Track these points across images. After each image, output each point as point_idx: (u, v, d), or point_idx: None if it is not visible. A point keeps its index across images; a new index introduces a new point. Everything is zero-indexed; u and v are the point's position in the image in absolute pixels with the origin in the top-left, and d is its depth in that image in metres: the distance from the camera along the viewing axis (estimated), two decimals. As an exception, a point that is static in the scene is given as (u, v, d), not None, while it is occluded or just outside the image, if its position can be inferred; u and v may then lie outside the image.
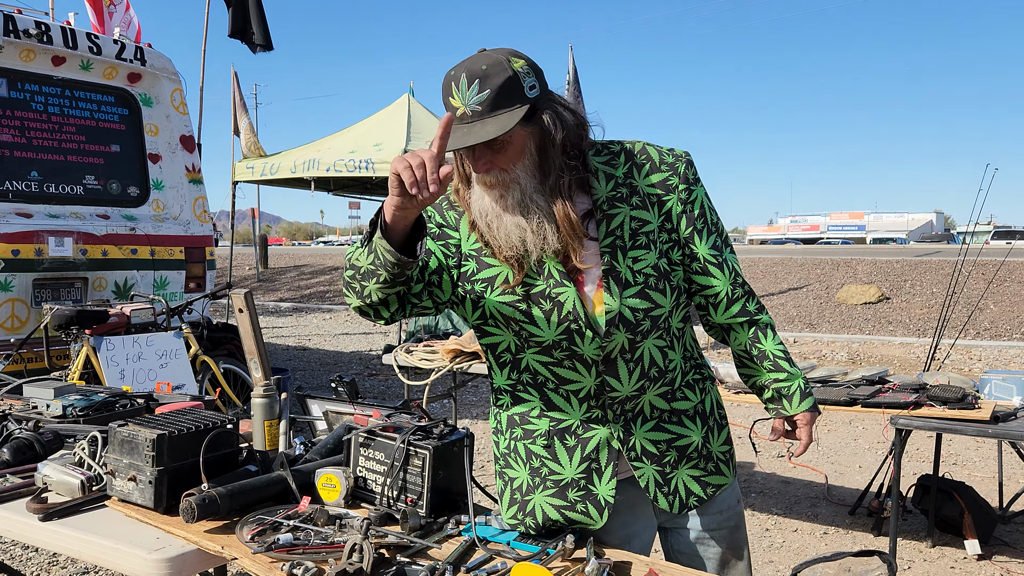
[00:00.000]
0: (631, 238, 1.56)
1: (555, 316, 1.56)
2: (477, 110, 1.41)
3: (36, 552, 3.79)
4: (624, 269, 1.55)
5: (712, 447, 1.70)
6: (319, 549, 1.38)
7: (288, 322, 14.09)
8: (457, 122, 1.43)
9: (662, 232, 1.59)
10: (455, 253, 1.60)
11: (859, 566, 1.27)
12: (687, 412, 1.67)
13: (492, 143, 1.44)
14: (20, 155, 5.35)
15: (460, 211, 1.61)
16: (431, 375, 4.41)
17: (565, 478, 1.63)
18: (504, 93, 1.41)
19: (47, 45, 5.40)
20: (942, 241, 37.84)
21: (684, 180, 1.61)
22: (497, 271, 1.58)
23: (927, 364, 5.10)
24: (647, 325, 1.58)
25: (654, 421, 1.64)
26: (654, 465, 1.64)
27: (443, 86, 1.46)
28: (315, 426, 2.36)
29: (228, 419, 1.70)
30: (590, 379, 1.59)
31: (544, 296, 1.56)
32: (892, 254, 17.29)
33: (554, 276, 1.55)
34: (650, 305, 1.57)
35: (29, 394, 2.30)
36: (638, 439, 1.63)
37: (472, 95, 1.41)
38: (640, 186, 1.58)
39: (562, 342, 1.57)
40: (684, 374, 1.68)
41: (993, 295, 11.21)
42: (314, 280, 19.47)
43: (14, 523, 1.59)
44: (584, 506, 1.62)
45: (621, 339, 1.57)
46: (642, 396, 1.62)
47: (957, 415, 3.31)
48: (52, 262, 5.31)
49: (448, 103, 1.45)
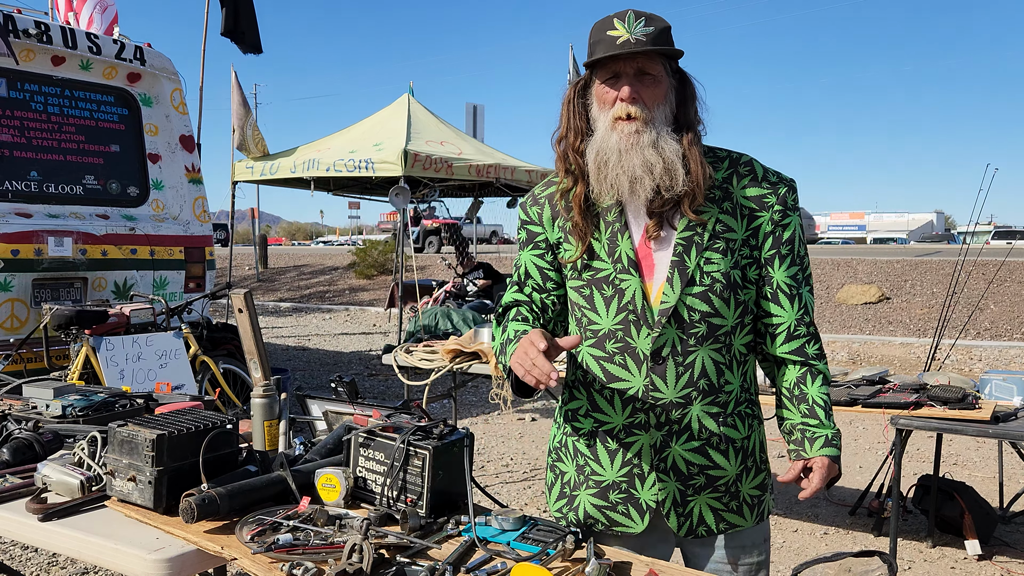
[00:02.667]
0: (710, 239, 1.57)
1: (615, 303, 1.59)
2: (641, 40, 1.51)
3: (36, 552, 3.78)
4: (693, 266, 1.56)
5: (743, 487, 1.66)
6: (319, 549, 1.38)
7: (288, 322, 14.08)
8: (617, 48, 1.52)
9: (744, 246, 1.59)
10: (547, 248, 1.70)
11: (859, 566, 1.27)
12: (734, 442, 1.64)
13: (643, 78, 1.54)
14: (20, 155, 5.35)
15: (541, 203, 1.71)
16: (431, 375, 4.41)
17: (606, 479, 1.66)
18: (664, 35, 1.54)
19: (47, 45, 5.39)
20: (942, 241, 37.82)
21: (782, 203, 1.61)
22: (571, 253, 1.65)
23: (927, 364, 5.09)
24: (702, 329, 1.57)
25: (700, 442, 1.62)
26: (678, 483, 1.63)
27: (598, 25, 1.57)
28: (315, 426, 2.36)
29: (228, 419, 1.70)
30: (639, 378, 1.60)
31: (608, 282, 1.60)
32: (892, 254, 17.29)
33: (622, 262, 1.59)
34: (710, 310, 1.57)
35: (29, 394, 2.30)
36: (674, 453, 1.62)
37: (639, 26, 1.52)
38: (735, 194, 1.59)
39: (617, 332, 1.60)
40: (738, 402, 1.65)
41: (993, 295, 11.21)
42: (314, 280, 19.47)
43: (14, 523, 1.59)
44: (625, 508, 1.65)
45: (672, 336, 1.57)
46: (689, 408, 1.60)
47: (957, 415, 3.31)
48: (52, 262, 5.30)
49: (604, 36, 1.54)
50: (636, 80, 1.54)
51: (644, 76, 1.54)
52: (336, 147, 9.83)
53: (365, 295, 16.70)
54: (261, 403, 1.92)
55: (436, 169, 9.06)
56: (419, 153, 8.83)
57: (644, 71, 1.54)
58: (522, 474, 5.23)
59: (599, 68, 1.58)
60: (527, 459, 5.58)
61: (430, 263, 18.33)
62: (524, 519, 1.49)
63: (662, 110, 1.56)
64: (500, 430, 6.39)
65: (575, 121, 1.62)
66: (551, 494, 1.77)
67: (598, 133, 1.59)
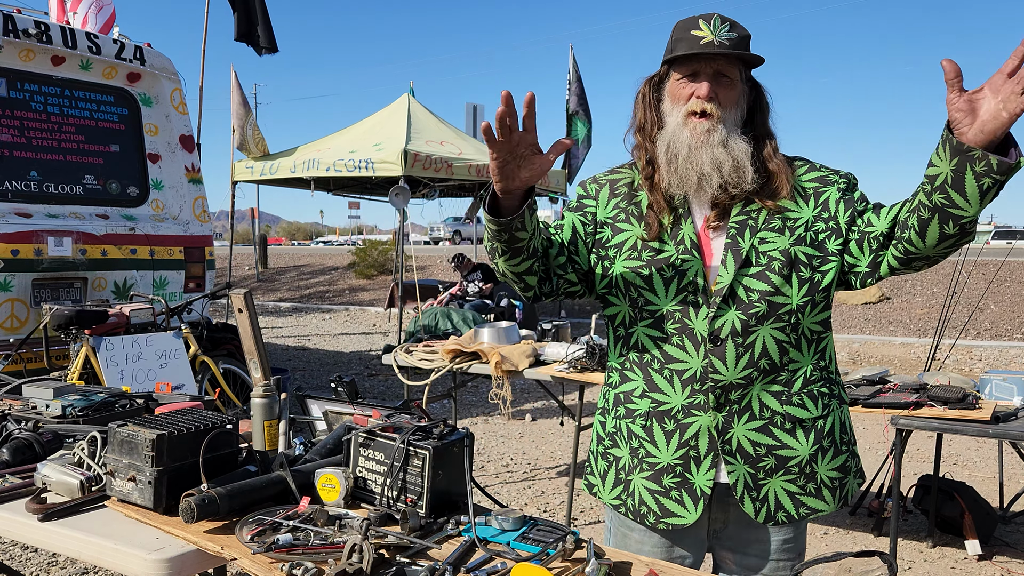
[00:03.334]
0: (765, 220, 1.60)
1: (675, 284, 1.61)
2: (725, 44, 1.56)
3: (36, 552, 3.78)
4: (747, 247, 1.58)
5: (819, 467, 1.64)
6: (319, 549, 1.37)
7: (288, 322, 14.08)
8: (700, 47, 1.56)
9: (818, 221, 1.61)
10: (591, 220, 1.72)
11: (859, 566, 1.27)
12: (803, 422, 1.61)
13: (720, 79, 1.59)
14: (20, 155, 5.35)
15: (602, 183, 1.75)
16: (431, 375, 4.41)
17: (661, 462, 1.65)
18: (745, 42, 1.59)
19: (47, 45, 5.39)
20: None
21: (844, 178, 1.65)
22: (628, 235, 1.67)
23: (927, 364, 5.09)
24: (762, 308, 1.57)
25: (763, 422, 1.60)
26: (747, 466, 1.61)
27: (682, 24, 1.61)
28: (315, 426, 2.36)
29: (228, 419, 1.70)
30: (697, 359, 1.60)
31: (669, 263, 1.62)
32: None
33: (684, 244, 1.62)
34: (770, 288, 1.57)
35: (28, 394, 2.30)
36: (737, 434, 1.60)
37: (724, 30, 1.57)
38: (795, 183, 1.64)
39: (675, 313, 1.61)
40: (808, 381, 1.63)
41: (993, 295, 11.21)
42: (314, 280, 19.46)
43: (13, 523, 1.59)
44: (679, 494, 1.64)
45: (731, 317, 1.58)
46: (750, 388, 1.59)
47: (957, 415, 3.31)
48: (51, 262, 5.30)
49: (688, 35, 1.58)
50: (714, 80, 1.59)
51: (722, 78, 1.59)
52: (336, 147, 9.83)
53: (365, 295, 16.70)
54: (261, 403, 1.92)
55: (436, 169, 9.06)
56: (419, 153, 8.83)
57: (722, 73, 1.59)
58: (522, 474, 5.23)
59: (678, 65, 1.62)
60: (527, 459, 5.58)
61: (430, 263, 18.33)
62: (524, 519, 1.49)
63: (734, 112, 1.61)
64: (500, 430, 6.39)
65: (650, 113, 1.67)
66: (605, 484, 1.75)
67: (669, 127, 1.63)
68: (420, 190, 11.95)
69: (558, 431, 6.35)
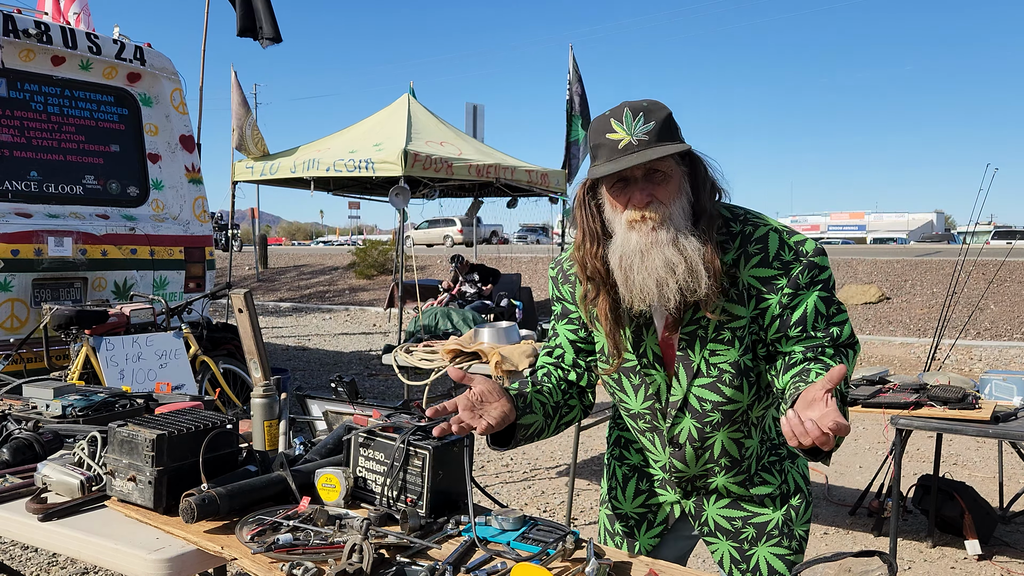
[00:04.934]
0: (715, 331, 1.53)
1: (642, 392, 1.64)
2: (644, 139, 1.43)
3: (36, 552, 3.78)
4: (698, 360, 1.56)
5: (795, 527, 1.67)
6: (319, 549, 1.37)
7: (288, 322, 14.08)
8: (619, 153, 1.44)
9: (753, 324, 1.54)
10: (580, 324, 1.70)
11: (859, 566, 1.27)
12: (770, 495, 1.66)
13: (653, 176, 1.47)
14: (20, 155, 5.35)
15: (573, 282, 1.67)
16: (431, 375, 4.40)
17: (623, 511, 1.78)
18: (667, 127, 1.45)
19: (47, 45, 5.39)
20: (942, 241, 37.79)
21: (793, 285, 1.50)
22: (600, 341, 1.67)
23: (927, 364, 5.09)
24: (716, 417, 1.59)
25: (729, 499, 1.67)
26: (730, 541, 1.67)
27: (595, 126, 1.49)
28: (315, 426, 2.36)
29: (228, 419, 1.70)
30: (663, 456, 1.68)
31: (634, 372, 1.62)
32: (892, 254, 17.29)
33: (647, 356, 1.60)
34: (721, 399, 1.57)
35: (29, 394, 2.30)
36: (710, 514, 1.68)
37: (639, 125, 1.44)
38: (742, 277, 1.52)
39: (645, 415, 1.66)
40: (759, 459, 1.67)
41: (993, 295, 11.21)
42: (314, 280, 19.46)
43: (14, 523, 1.59)
44: (620, 540, 1.78)
45: (688, 425, 1.61)
46: (712, 477, 1.66)
47: (957, 415, 3.31)
48: (52, 262, 5.30)
49: (604, 140, 1.46)
50: (646, 181, 1.47)
51: (654, 174, 1.47)
52: (336, 147, 9.82)
53: (365, 295, 16.70)
54: (261, 403, 1.92)
55: (436, 169, 9.06)
56: (419, 153, 8.82)
57: (653, 169, 1.47)
58: (522, 474, 5.23)
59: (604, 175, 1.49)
60: (527, 459, 5.58)
61: (430, 263, 18.33)
62: (524, 519, 1.49)
63: (679, 203, 1.48)
64: (500, 430, 6.39)
65: (590, 224, 1.55)
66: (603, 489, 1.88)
67: (618, 236, 1.51)
68: (420, 190, 11.93)
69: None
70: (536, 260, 17.87)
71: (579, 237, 1.58)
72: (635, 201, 1.47)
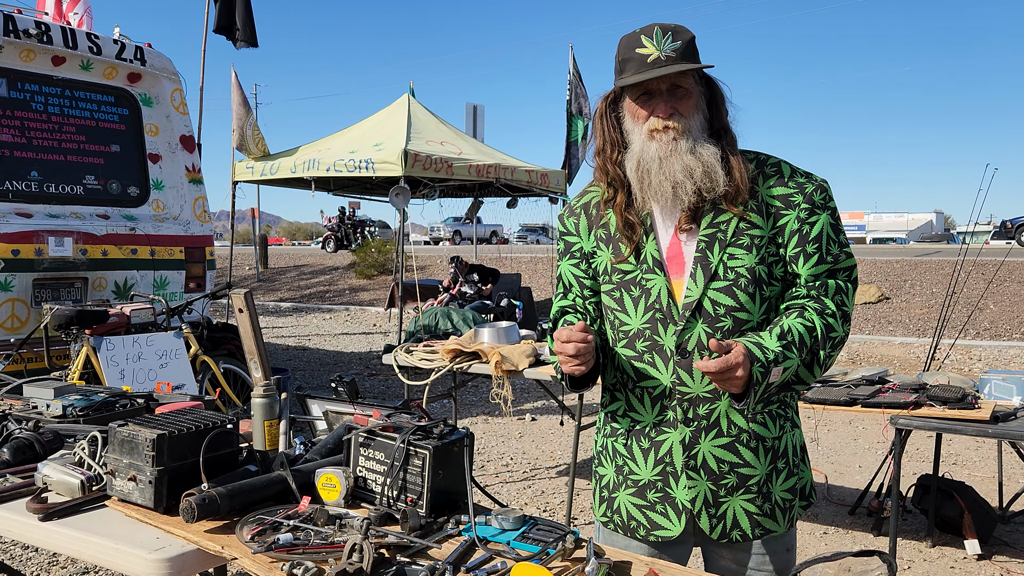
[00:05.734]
0: (734, 235, 1.60)
1: (643, 303, 1.64)
2: (671, 56, 1.56)
3: (36, 552, 3.79)
4: (716, 262, 1.59)
5: (774, 488, 1.66)
6: (319, 549, 1.38)
7: (288, 322, 14.08)
8: (648, 67, 1.56)
9: (771, 244, 1.62)
10: (582, 257, 1.76)
11: (859, 566, 1.27)
12: (764, 440, 1.64)
13: (675, 91, 1.59)
14: (20, 155, 5.35)
15: (577, 213, 1.77)
16: (431, 375, 4.41)
17: (643, 479, 1.69)
18: (692, 48, 1.59)
19: (47, 45, 5.40)
20: (942, 241, 37.78)
21: (809, 200, 1.62)
22: (602, 260, 1.70)
23: (927, 364, 5.09)
24: (728, 323, 1.59)
25: (730, 439, 1.63)
26: (710, 482, 1.64)
27: (626, 42, 1.60)
28: (315, 426, 2.36)
29: (228, 419, 1.70)
30: (666, 375, 1.63)
31: (635, 283, 1.65)
32: (892, 254, 17.29)
33: (647, 262, 1.64)
34: (735, 304, 1.59)
35: (29, 394, 2.30)
36: (703, 449, 1.63)
37: (667, 42, 1.56)
38: (761, 193, 1.62)
39: (645, 330, 1.64)
40: (769, 401, 1.65)
41: (993, 295, 11.21)
42: (314, 280, 19.46)
43: (14, 523, 1.59)
44: (664, 507, 1.67)
45: (699, 330, 1.60)
46: (717, 403, 1.62)
47: (957, 415, 3.31)
48: (52, 262, 5.31)
49: (634, 54, 1.58)
50: (669, 95, 1.59)
51: (677, 89, 1.59)
52: (336, 147, 9.83)
53: (365, 295, 16.70)
54: (261, 403, 1.92)
55: (436, 169, 9.06)
56: (419, 153, 8.83)
57: (676, 85, 1.59)
58: (522, 474, 5.24)
59: (631, 86, 1.62)
60: (527, 459, 5.58)
61: (430, 263, 18.33)
62: (524, 519, 1.50)
63: (696, 118, 1.61)
64: (500, 430, 6.39)
65: (611, 134, 1.67)
66: (594, 501, 1.82)
67: (636, 144, 1.63)
68: (420, 190, 11.94)
69: (558, 431, 6.35)
70: (536, 260, 17.88)
71: (599, 144, 1.69)
72: (659, 111, 1.59)
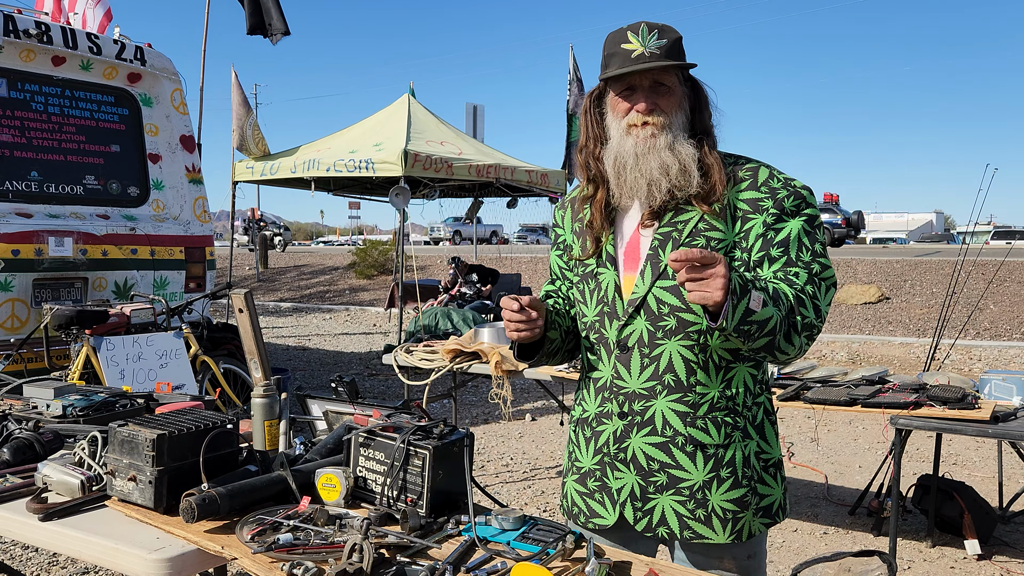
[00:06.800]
0: (689, 235, 1.60)
1: (595, 296, 1.67)
2: (655, 53, 1.57)
3: (36, 552, 3.79)
4: (666, 260, 1.58)
5: (712, 496, 1.59)
6: (319, 549, 1.38)
7: (288, 322, 14.08)
8: (632, 62, 1.57)
9: (735, 248, 1.60)
10: (564, 249, 1.83)
11: (859, 566, 1.27)
12: (704, 447, 1.58)
13: (658, 88, 1.60)
14: (20, 155, 5.35)
15: (566, 206, 1.84)
16: (431, 375, 4.41)
17: (584, 467, 1.74)
18: (677, 47, 1.60)
19: (47, 45, 5.39)
20: (942, 241, 37.77)
21: (778, 207, 1.58)
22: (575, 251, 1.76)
23: (927, 364, 5.09)
24: (671, 323, 1.58)
25: (663, 439, 1.60)
26: (638, 477, 1.63)
27: (612, 37, 1.62)
28: (315, 426, 2.36)
29: (228, 419, 1.70)
30: (607, 368, 1.66)
31: (591, 276, 1.69)
32: (892, 254, 17.29)
33: (602, 256, 1.68)
34: (680, 304, 1.58)
35: (29, 394, 2.30)
36: (633, 444, 1.63)
37: (653, 39, 1.57)
38: (728, 196, 1.61)
39: (595, 323, 1.67)
40: (713, 407, 1.59)
41: (993, 295, 11.21)
42: (314, 280, 19.47)
43: (14, 523, 1.59)
44: (601, 496, 1.70)
45: (640, 326, 1.61)
46: (653, 401, 1.60)
47: (957, 415, 3.31)
48: (52, 262, 5.31)
49: (619, 49, 1.59)
50: (651, 92, 1.60)
51: (659, 87, 1.60)
52: (336, 147, 9.82)
53: (365, 295, 16.71)
54: (261, 403, 1.92)
55: (436, 169, 9.06)
56: (419, 153, 8.83)
57: (659, 82, 1.60)
58: (522, 474, 5.24)
59: (614, 81, 1.63)
60: (527, 459, 5.58)
61: (430, 263, 18.34)
62: (524, 519, 1.50)
63: (678, 117, 1.62)
64: (500, 430, 6.39)
65: (593, 129, 1.69)
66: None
67: (613, 139, 1.64)
68: (420, 190, 11.94)
69: (558, 431, 6.35)
70: (536, 260, 17.88)
71: (582, 140, 1.72)
72: (639, 107, 1.60)
